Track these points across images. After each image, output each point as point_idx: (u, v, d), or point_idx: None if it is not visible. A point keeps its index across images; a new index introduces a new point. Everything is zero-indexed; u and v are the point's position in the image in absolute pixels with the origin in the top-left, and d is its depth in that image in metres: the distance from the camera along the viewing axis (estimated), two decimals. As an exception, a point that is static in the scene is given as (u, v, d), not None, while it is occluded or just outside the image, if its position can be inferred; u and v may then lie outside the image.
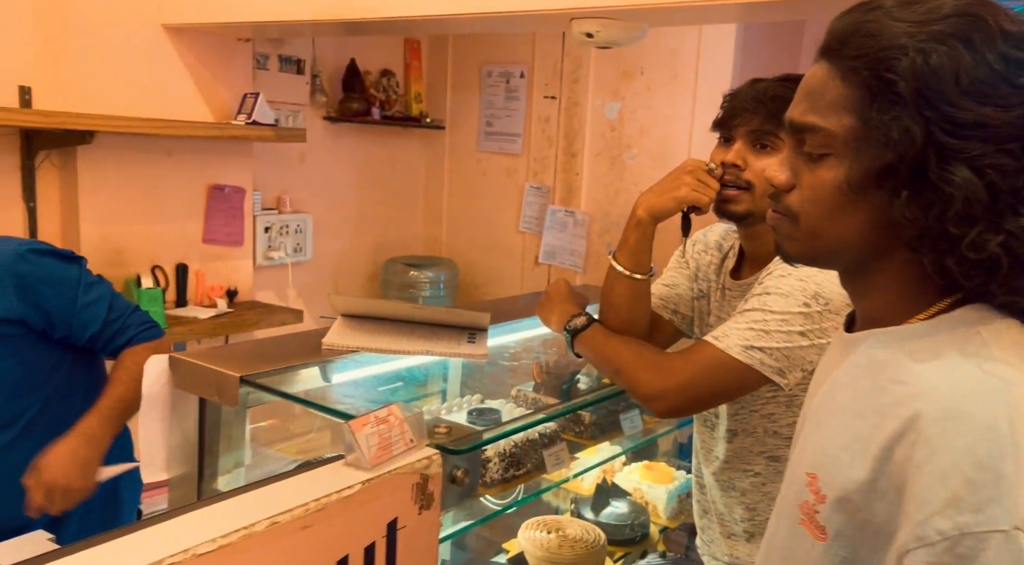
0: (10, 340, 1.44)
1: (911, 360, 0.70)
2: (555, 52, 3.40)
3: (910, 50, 0.68)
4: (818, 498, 0.74)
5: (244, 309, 2.82)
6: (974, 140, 0.66)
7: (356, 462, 1.07)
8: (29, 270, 1.44)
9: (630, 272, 1.38)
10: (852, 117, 0.71)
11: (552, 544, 1.70)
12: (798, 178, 0.77)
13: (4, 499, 1.49)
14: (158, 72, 2.59)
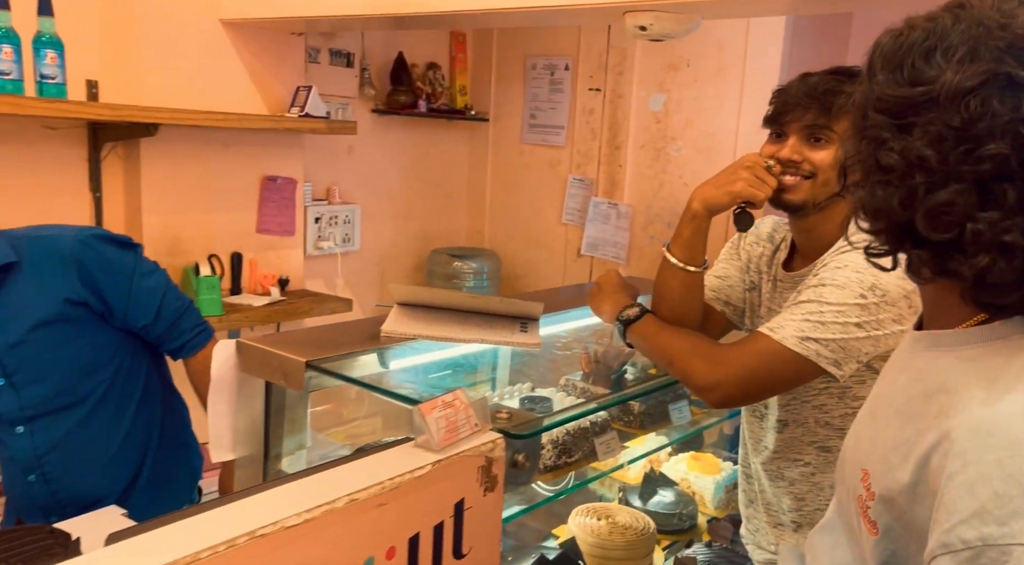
0: (79, 321, 1.50)
1: (958, 369, 0.71)
2: (600, 44, 3.41)
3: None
4: (869, 494, 0.76)
5: (296, 297, 2.89)
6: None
7: (426, 444, 1.11)
8: (88, 256, 1.49)
9: (684, 264, 1.40)
10: None
11: (603, 530, 1.73)
12: None
13: (75, 475, 1.57)
14: (216, 66, 2.67)
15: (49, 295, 1.46)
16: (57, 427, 1.53)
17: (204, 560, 0.80)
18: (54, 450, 1.54)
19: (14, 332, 1.44)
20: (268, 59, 2.82)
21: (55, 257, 1.48)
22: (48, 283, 1.46)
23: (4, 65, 1.98)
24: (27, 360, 1.45)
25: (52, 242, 1.49)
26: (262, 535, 0.86)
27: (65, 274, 1.47)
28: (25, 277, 1.45)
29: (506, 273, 3.76)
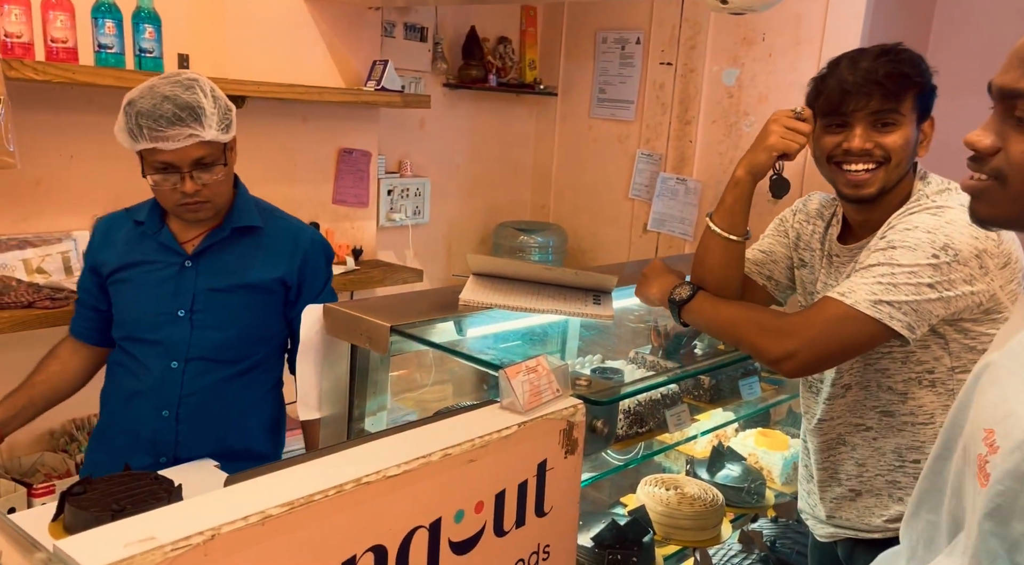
0: (273, 297, 1.72)
1: None
2: (673, 18, 3.37)
3: None
4: (991, 450, 0.76)
5: (370, 267, 2.98)
6: None
7: (511, 406, 1.16)
8: (313, 254, 1.76)
9: (726, 233, 1.42)
10: None
11: (672, 501, 1.77)
12: (1005, 142, 0.78)
13: (204, 423, 1.70)
14: (297, 40, 2.74)
15: (271, 267, 1.68)
16: (209, 376, 1.68)
17: (316, 502, 0.87)
18: (197, 394, 1.68)
19: (223, 281, 1.64)
20: (346, 34, 2.89)
21: (293, 242, 1.73)
22: (275, 258, 1.69)
23: (107, 39, 2.09)
24: (217, 308, 1.64)
25: (296, 229, 1.77)
26: (367, 482, 0.92)
27: (292, 258, 1.71)
28: (259, 243, 1.68)
29: (572, 247, 3.79)
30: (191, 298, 1.64)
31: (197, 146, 1.51)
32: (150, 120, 1.47)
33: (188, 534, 0.76)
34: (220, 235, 1.65)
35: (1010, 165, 0.78)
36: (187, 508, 0.83)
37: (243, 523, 0.80)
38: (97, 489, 1.42)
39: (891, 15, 2.91)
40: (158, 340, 1.64)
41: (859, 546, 1.44)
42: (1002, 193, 0.79)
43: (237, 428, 1.74)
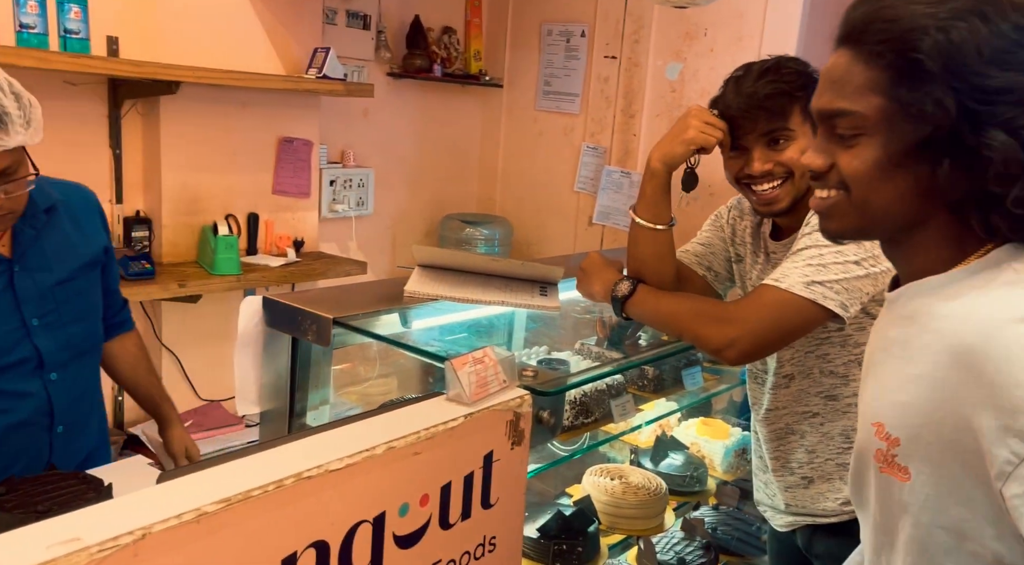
0: (99, 268, 1.56)
1: (950, 300, 0.76)
2: (617, 11, 3.39)
3: (931, 29, 0.73)
4: (890, 443, 0.79)
5: (311, 259, 2.92)
6: (1003, 104, 0.72)
7: (457, 398, 1.14)
8: (101, 211, 1.59)
9: (651, 224, 1.44)
10: (880, 98, 0.77)
11: (616, 490, 1.78)
12: (835, 159, 0.83)
13: (87, 426, 1.57)
14: (235, 25, 2.66)
15: (92, 239, 1.53)
16: (82, 374, 1.55)
17: (255, 498, 0.84)
18: (83, 396, 1.56)
19: (63, 270, 1.46)
20: (286, 19, 2.81)
21: (90, 206, 1.55)
22: (88, 228, 1.52)
23: (29, 19, 1.99)
24: (71, 298, 1.48)
25: (82, 191, 1.55)
26: (308, 477, 0.89)
27: (100, 223, 1.57)
28: (64, 219, 1.48)
29: (517, 240, 3.78)
30: (37, 301, 1.42)
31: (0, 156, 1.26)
32: None
33: (116, 534, 0.72)
34: (31, 224, 1.41)
35: (847, 177, 0.82)
36: (116, 507, 0.79)
37: (176, 521, 0.76)
38: (20, 490, 1.35)
39: (827, 11, 2.98)
40: (24, 358, 1.41)
41: (818, 532, 1.47)
42: (848, 204, 0.83)
43: (102, 419, 1.64)
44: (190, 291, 2.44)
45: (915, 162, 0.77)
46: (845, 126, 0.80)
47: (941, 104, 0.73)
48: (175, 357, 2.72)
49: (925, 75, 0.74)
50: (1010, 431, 0.67)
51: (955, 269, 0.79)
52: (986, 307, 0.73)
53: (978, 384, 0.69)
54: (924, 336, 0.77)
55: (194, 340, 2.76)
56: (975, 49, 0.72)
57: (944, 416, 0.73)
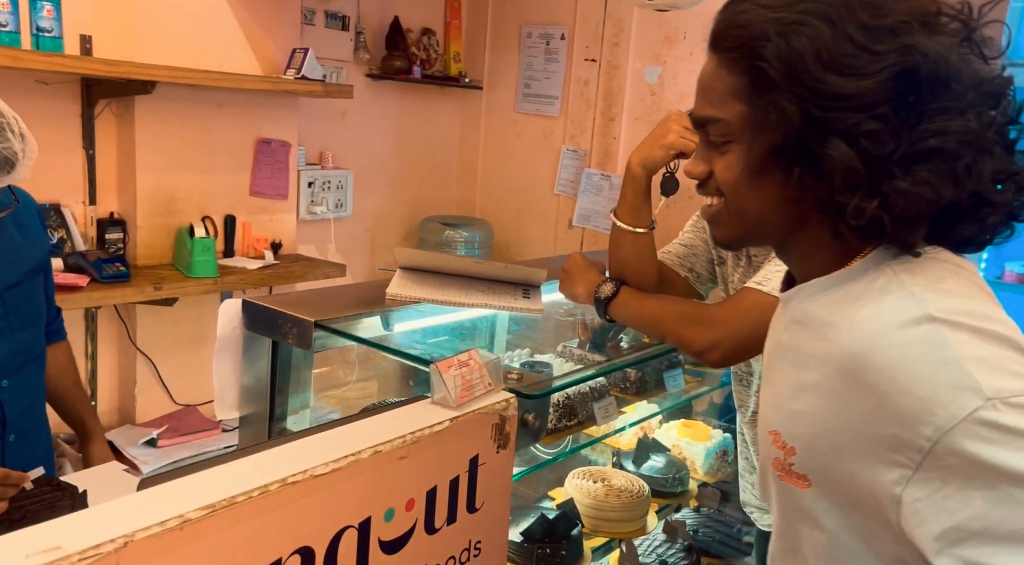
0: (41, 276, 1.53)
1: (836, 305, 0.76)
2: (597, 14, 3.40)
3: (772, 35, 0.73)
4: (787, 452, 0.78)
5: (289, 262, 2.89)
6: (845, 111, 0.70)
7: (443, 401, 1.13)
8: (40, 216, 1.57)
9: (632, 227, 1.44)
10: (742, 104, 0.77)
11: (599, 493, 1.78)
12: (711, 165, 0.83)
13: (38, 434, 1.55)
14: (212, 25, 2.63)
15: (37, 242, 1.51)
16: (32, 381, 1.52)
17: (240, 504, 0.82)
18: (33, 404, 1.53)
19: (12, 274, 1.43)
20: (264, 19, 2.78)
21: (33, 209, 1.52)
22: (32, 232, 1.50)
23: (1, 16, 1.94)
24: (20, 303, 1.45)
25: (23, 195, 1.49)
26: (293, 482, 0.88)
27: (42, 226, 1.55)
28: (10, 224, 1.45)
29: (497, 242, 3.78)
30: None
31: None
32: None
33: (98, 542, 0.70)
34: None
35: (721, 184, 0.82)
36: (97, 514, 0.76)
37: (159, 528, 0.74)
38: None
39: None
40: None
41: None
42: (727, 211, 0.83)
43: (47, 427, 1.60)
44: (166, 294, 2.40)
45: (775, 169, 0.76)
46: (715, 133, 0.81)
47: (785, 111, 0.72)
48: (150, 361, 2.67)
49: (770, 82, 0.73)
50: (900, 439, 0.66)
51: (836, 272, 0.78)
52: (867, 315, 0.71)
53: (865, 394, 0.68)
54: (813, 343, 0.77)
55: (169, 344, 2.72)
56: (815, 54, 0.71)
57: (836, 426, 0.72)
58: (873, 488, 0.69)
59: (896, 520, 0.68)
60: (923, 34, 0.70)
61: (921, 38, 0.70)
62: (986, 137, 0.71)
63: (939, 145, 0.70)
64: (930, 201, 0.70)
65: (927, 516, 0.65)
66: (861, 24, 0.71)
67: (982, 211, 0.73)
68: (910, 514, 0.66)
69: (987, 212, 0.73)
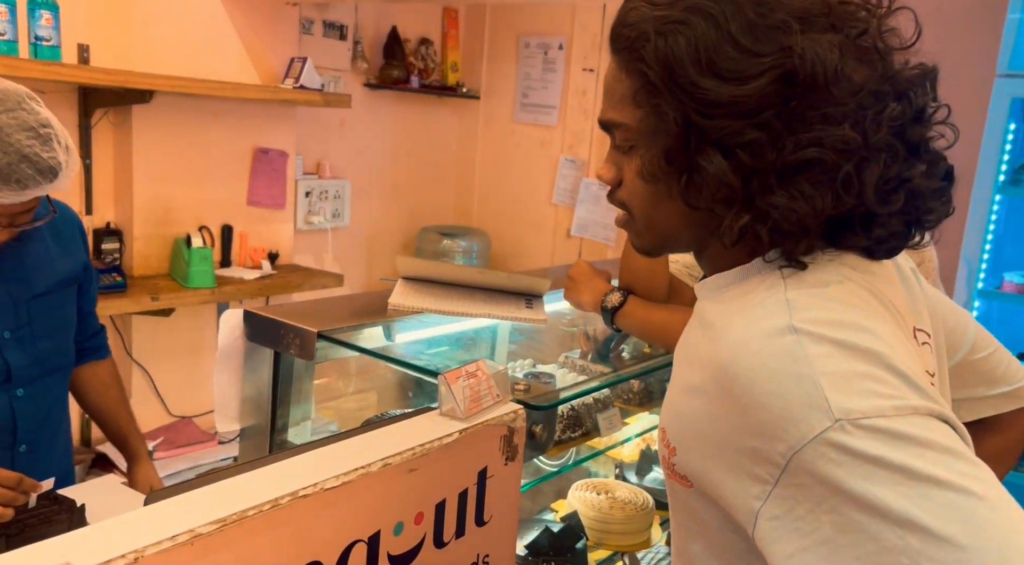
0: (76, 287, 1.53)
1: (724, 304, 0.72)
2: (595, 24, 3.41)
3: (652, 35, 0.67)
4: (670, 451, 0.74)
5: (287, 272, 2.87)
6: (724, 118, 0.65)
7: (451, 413, 1.11)
8: (84, 234, 1.57)
9: None
10: (637, 108, 0.71)
11: (603, 505, 1.76)
12: (622, 173, 0.77)
13: (53, 446, 1.53)
14: (209, 34, 2.62)
15: (73, 256, 1.51)
16: (52, 392, 1.50)
17: (250, 518, 0.80)
18: (49, 416, 1.51)
19: (41, 284, 1.43)
20: (262, 29, 2.78)
21: (73, 223, 1.53)
22: (70, 245, 1.51)
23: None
24: (45, 313, 1.44)
25: (65, 208, 1.50)
26: (304, 496, 0.86)
27: (81, 241, 1.54)
28: (46, 235, 1.46)
29: (495, 252, 3.77)
30: (12, 314, 1.39)
31: (34, 199, 1.28)
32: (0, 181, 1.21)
33: (109, 557, 0.68)
34: (18, 237, 1.37)
35: (628, 195, 0.77)
36: (107, 529, 0.75)
37: (170, 543, 0.73)
38: (-13, 512, 1.30)
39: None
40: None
41: None
42: (635, 223, 0.78)
43: (67, 441, 1.59)
44: (163, 305, 2.38)
45: (668, 177, 0.71)
46: (620, 138, 0.75)
47: (667, 117, 0.68)
48: (145, 372, 2.65)
49: (651, 86, 0.68)
50: (760, 453, 0.62)
51: (732, 269, 0.74)
52: (741, 322, 0.67)
53: (732, 403, 0.64)
54: (700, 344, 0.73)
55: (165, 355, 2.69)
56: (694, 56, 0.65)
57: (709, 432, 0.67)
58: (736, 500, 0.65)
59: (751, 533, 0.64)
60: (803, 33, 0.64)
61: (799, 38, 0.64)
62: (873, 143, 0.66)
63: (818, 156, 0.64)
64: (808, 215, 0.66)
65: (782, 534, 0.61)
66: (747, 23, 0.65)
67: (869, 222, 0.69)
68: (767, 530, 0.62)
69: (874, 223, 0.69)
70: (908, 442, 0.57)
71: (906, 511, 0.55)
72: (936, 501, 0.55)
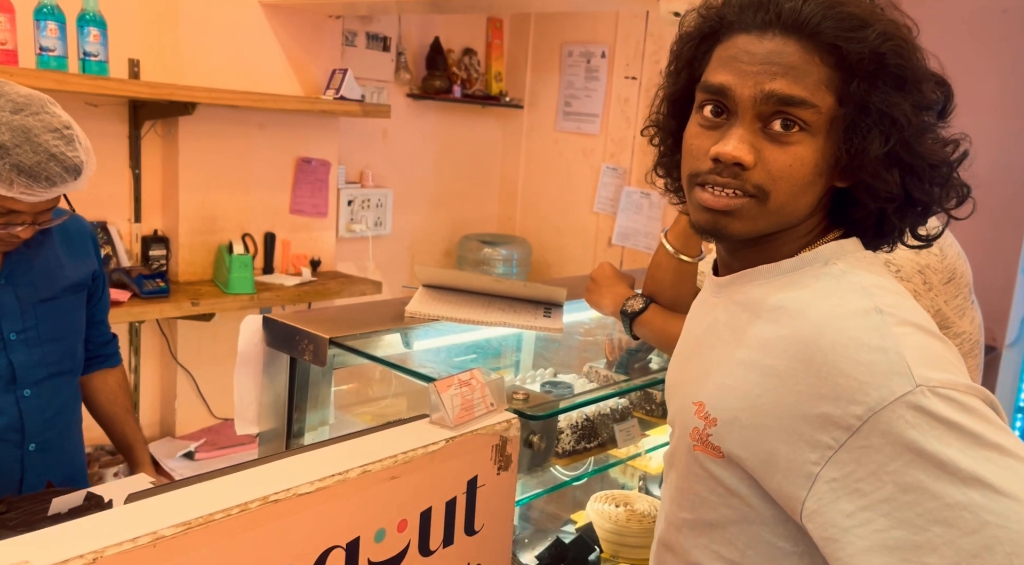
0: (85, 293, 1.58)
1: (783, 291, 0.79)
2: (638, 32, 3.38)
3: (895, 38, 0.74)
4: (708, 422, 0.79)
5: (327, 278, 2.93)
6: (932, 115, 0.77)
7: (440, 421, 1.12)
8: (96, 243, 1.63)
9: (680, 254, 1.40)
10: (833, 98, 0.75)
11: (620, 518, 1.73)
12: (761, 155, 0.75)
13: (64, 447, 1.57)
14: (254, 48, 2.70)
15: (82, 262, 1.55)
16: (60, 393, 1.54)
17: (217, 522, 0.82)
18: (57, 416, 1.54)
19: (48, 289, 1.48)
20: (305, 42, 2.85)
21: (85, 233, 1.58)
22: (80, 252, 1.56)
23: (49, 42, 2.03)
24: (51, 317, 1.49)
25: (78, 218, 1.56)
26: (275, 501, 0.87)
27: (93, 249, 1.59)
28: (56, 241, 1.51)
29: (536, 260, 3.76)
30: (19, 317, 1.44)
31: (56, 198, 1.35)
32: (28, 178, 1.26)
33: (66, 557, 0.71)
34: (28, 242, 1.42)
35: (771, 180, 0.76)
36: (71, 529, 0.77)
37: (131, 545, 0.75)
38: (21, 508, 1.36)
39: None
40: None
41: None
42: (763, 208, 0.77)
43: (79, 442, 1.64)
44: (203, 310, 2.46)
45: (833, 170, 0.77)
46: (798, 117, 0.74)
47: (906, 113, 0.73)
48: (189, 375, 2.74)
49: (896, 82, 0.73)
50: (830, 418, 0.68)
51: (783, 261, 0.81)
52: (821, 303, 0.74)
53: (806, 373, 0.70)
54: (760, 325, 0.78)
55: (208, 359, 2.78)
56: (922, 62, 0.76)
57: (766, 404, 0.73)
58: (790, 466, 0.71)
59: (802, 497, 0.70)
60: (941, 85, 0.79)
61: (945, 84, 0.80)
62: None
63: (949, 157, 0.77)
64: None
65: (841, 494, 0.68)
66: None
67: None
68: (824, 492, 0.69)
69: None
70: (975, 414, 0.65)
71: (974, 470, 0.62)
72: (1000, 464, 0.63)
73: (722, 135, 0.77)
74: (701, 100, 0.79)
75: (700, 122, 0.80)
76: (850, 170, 0.77)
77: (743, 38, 0.77)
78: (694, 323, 0.93)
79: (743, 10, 0.78)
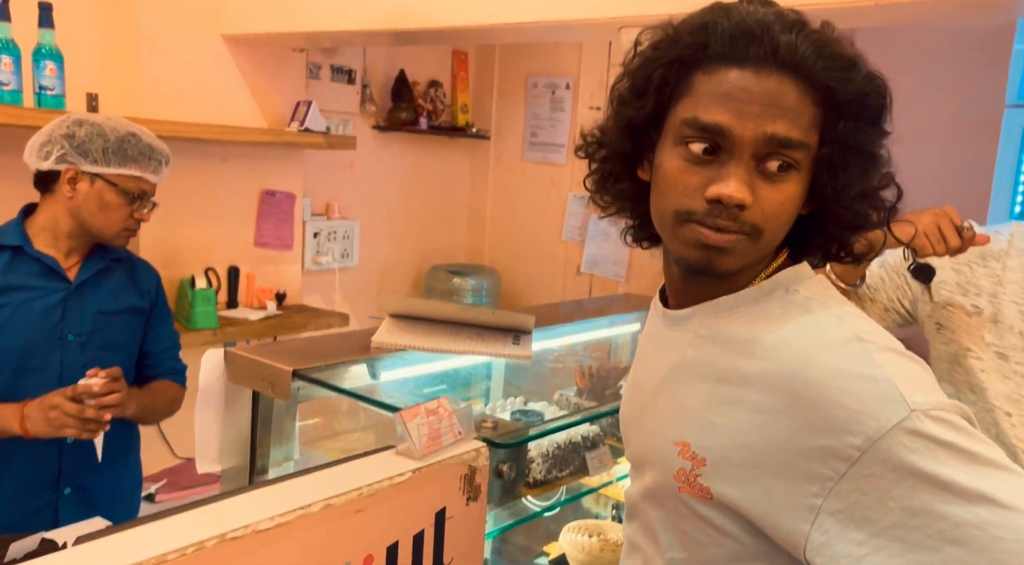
0: (142, 320, 1.77)
1: (751, 323, 0.78)
2: (601, 63, 3.42)
3: (878, 78, 0.76)
4: (696, 462, 0.78)
5: (292, 312, 2.88)
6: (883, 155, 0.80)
7: (407, 451, 1.09)
8: (160, 284, 1.84)
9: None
10: (818, 134, 0.76)
11: (593, 548, 1.70)
12: (757, 195, 0.74)
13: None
14: (217, 80, 2.68)
15: (144, 293, 1.76)
16: None
17: (171, 562, 0.78)
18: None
19: (110, 305, 1.68)
20: (269, 75, 2.84)
21: (152, 277, 1.81)
22: (144, 284, 1.78)
23: (3, 76, 2.00)
24: (106, 330, 1.67)
25: (144, 261, 1.83)
26: (233, 538, 0.84)
27: (151, 285, 1.79)
28: (124, 271, 1.73)
29: (506, 290, 3.75)
30: (79, 321, 1.63)
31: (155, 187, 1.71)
32: (149, 157, 1.66)
33: (6, 604, 0.67)
34: (100, 264, 1.69)
35: (764, 218, 0.75)
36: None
37: (77, 589, 0.71)
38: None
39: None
40: (49, 366, 1.59)
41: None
42: (754, 246, 0.76)
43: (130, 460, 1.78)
44: (165, 345, 2.40)
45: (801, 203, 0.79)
46: (792, 158, 0.73)
47: (884, 148, 0.77)
48: (152, 413, 2.66)
49: (874, 119, 0.76)
50: (829, 450, 0.68)
51: (742, 291, 0.80)
52: (798, 334, 0.74)
53: (798, 407, 0.70)
54: (733, 359, 0.77)
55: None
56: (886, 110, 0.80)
57: (757, 440, 0.73)
58: (788, 500, 0.70)
59: (805, 531, 0.69)
60: None
61: None
62: None
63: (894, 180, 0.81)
64: None
65: (848, 524, 0.67)
66: None
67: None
68: (830, 524, 0.68)
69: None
70: (966, 432, 0.67)
71: (977, 488, 0.64)
72: (999, 479, 0.65)
73: (715, 173, 0.74)
74: (687, 135, 0.75)
75: (686, 157, 0.76)
76: (821, 201, 0.78)
77: (736, 73, 0.73)
78: (652, 358, 0.89)
79: (734, 41, 0.73)
